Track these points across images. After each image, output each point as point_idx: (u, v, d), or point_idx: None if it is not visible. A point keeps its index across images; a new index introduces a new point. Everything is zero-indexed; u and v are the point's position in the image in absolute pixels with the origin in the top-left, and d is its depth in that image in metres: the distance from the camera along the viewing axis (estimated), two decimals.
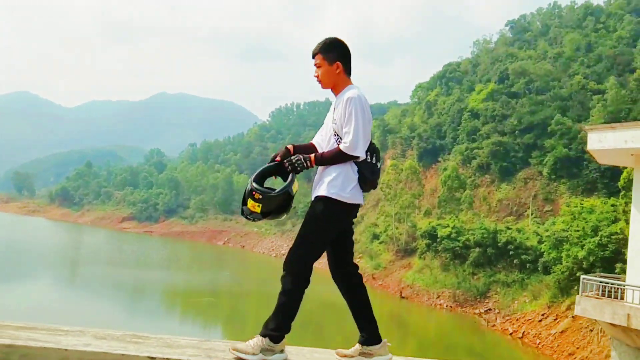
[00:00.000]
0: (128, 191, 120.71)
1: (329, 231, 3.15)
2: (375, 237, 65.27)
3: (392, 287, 54.79)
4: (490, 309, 44.63)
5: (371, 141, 3.22)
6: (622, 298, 13.12)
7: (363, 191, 3.21)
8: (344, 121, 3.10)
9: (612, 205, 36.77)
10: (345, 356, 3.19)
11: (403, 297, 51.27)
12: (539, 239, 44.10)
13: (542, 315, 37.91)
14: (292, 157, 3.11)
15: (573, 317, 34.95)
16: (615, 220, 32.76)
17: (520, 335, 38.16)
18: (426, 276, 51.58)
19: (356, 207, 3.19)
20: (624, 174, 29.41)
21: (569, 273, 35.15)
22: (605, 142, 12.92)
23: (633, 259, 13.31)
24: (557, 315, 36.57)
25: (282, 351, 3.02)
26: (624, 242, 30.64)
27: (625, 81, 54.93)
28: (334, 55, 3.28)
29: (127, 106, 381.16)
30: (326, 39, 3.37)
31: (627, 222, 30.75)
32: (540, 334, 36.42)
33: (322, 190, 3.08)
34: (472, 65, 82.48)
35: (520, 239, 45.52)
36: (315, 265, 3.23)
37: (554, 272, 36.87)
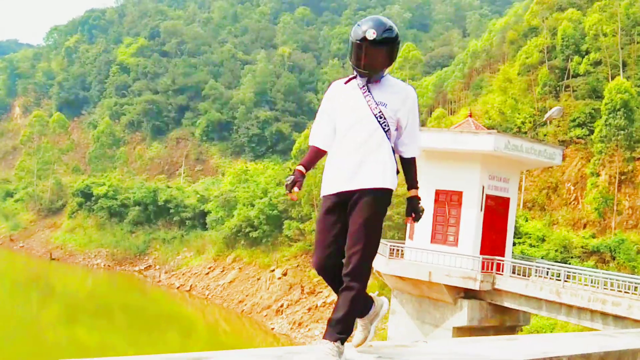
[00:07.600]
0: None
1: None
2: (9, 194, 58.60)
3: (37, 249, 50.61)
4: (150, 266, 45.84)
5: None
6: (402, 256, 16.55)
7: None
8: (409, 119, 2.74)
9: (270, 169, 42.01)
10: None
11: (54, 259, 48.07)
12: (198, 197, 47.05)
13: (209, 268, 41.05)
14: (420, 209, 2.75)
15: (240, 268, 39.15)
16: (280, 183, 37.67)
17: (187, 288, 40.60)
18: (79, 236, 49.46)
19: None
20: (297, 145, 34.01)
21: (236, 230, 39.00)
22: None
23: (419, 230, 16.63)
24: (224, 267, 40.17)
25: None
26: (291, 203, 35.80)
27: (270, 56, 61.76)
28: None
29: None
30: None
31: None
32: (208, 285, 39.48)
33: (380, 180, 2.61)
34: (118, 16, 79.03)
35: (180, 197, 47.71)
36: None
37: (222, 229, 40.24)
